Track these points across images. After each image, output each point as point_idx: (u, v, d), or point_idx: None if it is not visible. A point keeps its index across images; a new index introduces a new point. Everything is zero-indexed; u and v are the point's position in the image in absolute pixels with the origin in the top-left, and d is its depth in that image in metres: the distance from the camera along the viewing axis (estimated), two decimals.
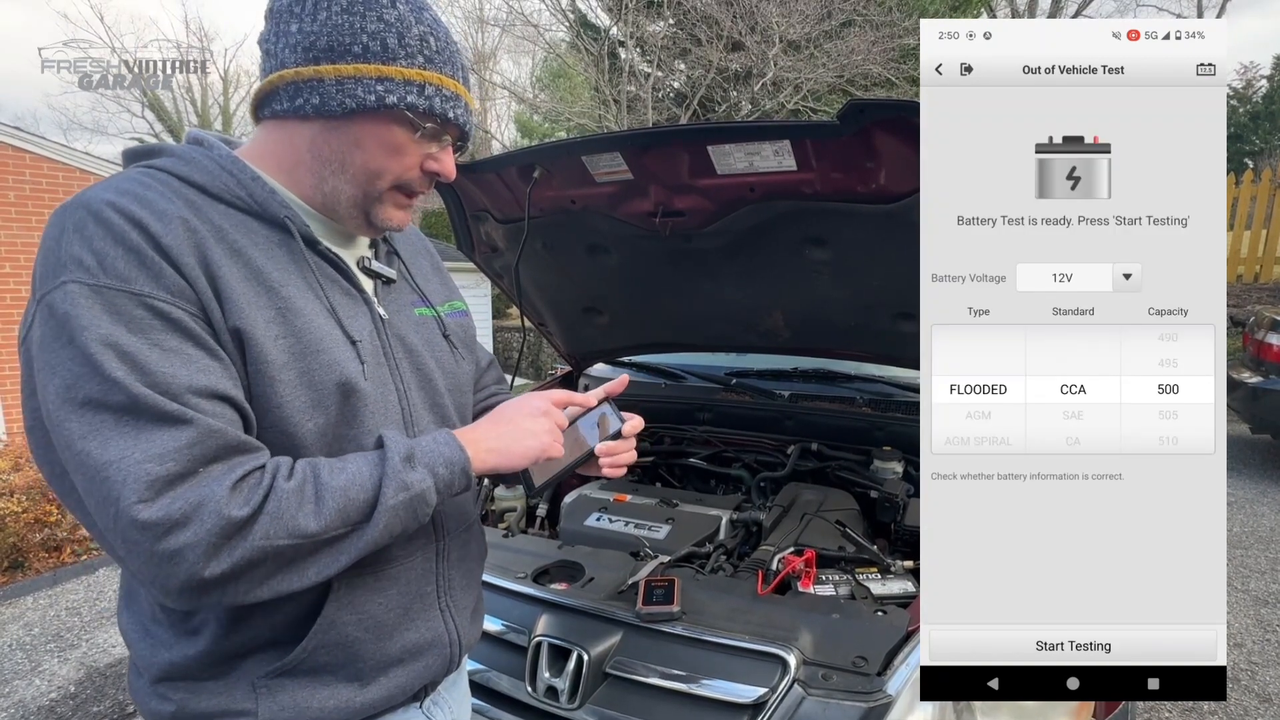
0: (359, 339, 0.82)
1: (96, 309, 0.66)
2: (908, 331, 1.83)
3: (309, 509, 0.70)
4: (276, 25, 0.78)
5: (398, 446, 0.77)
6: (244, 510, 0.67)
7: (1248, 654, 2.84)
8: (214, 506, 0.65)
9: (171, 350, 0.68)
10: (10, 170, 5.92)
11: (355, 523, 0.73)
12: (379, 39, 0.76)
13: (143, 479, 0.63)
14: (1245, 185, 8.58)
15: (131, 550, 0.65)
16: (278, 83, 0.77)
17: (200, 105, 20.55)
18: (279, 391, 0.74)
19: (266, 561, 0.69)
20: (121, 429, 0.64)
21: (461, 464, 0.80)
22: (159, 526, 0.63)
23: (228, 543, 0.66)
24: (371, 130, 0.79)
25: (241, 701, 0.78)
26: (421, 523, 0.79)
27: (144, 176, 0.75)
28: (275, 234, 0.80)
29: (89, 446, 0.64)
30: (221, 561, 0.66)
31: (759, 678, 1.16)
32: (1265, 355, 4.96)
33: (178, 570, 0.65)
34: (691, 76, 11.42)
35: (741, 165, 1.51)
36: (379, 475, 0.75)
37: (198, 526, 0.65)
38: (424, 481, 0.77)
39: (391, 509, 0.74)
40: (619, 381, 1.04)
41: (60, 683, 2.84)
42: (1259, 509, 4.44)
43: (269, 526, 0.68)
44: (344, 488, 0.72)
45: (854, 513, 1.77)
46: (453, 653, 0.93)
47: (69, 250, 0.68)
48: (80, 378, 0.65)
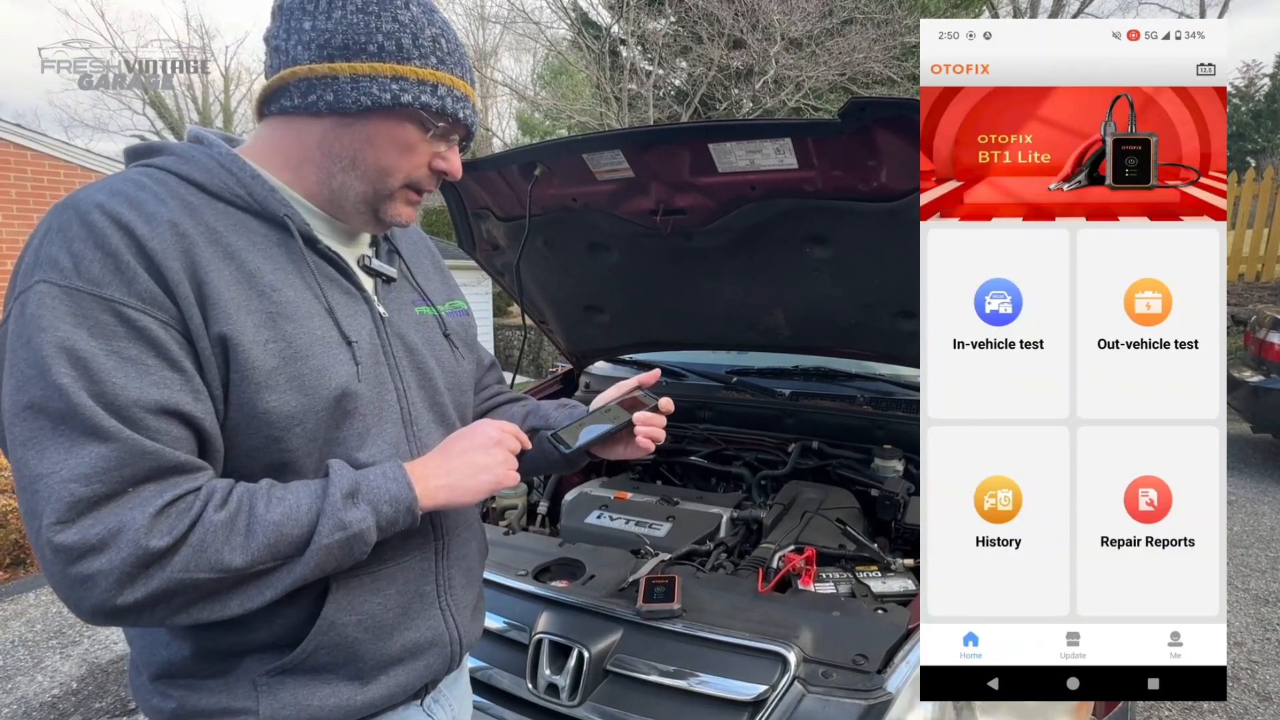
0: (356, 339, 0.82)
1: (61, 311, 0.65)
2: (908, 330, 1.83)
3: (237, 541, 0.69)
4: (287, 22, 0.77)
5: (341, 481, 0.75)
6: (164, 540, 0.65)
7: (1247, 653, 2.85)
8: (132, 535, 0.64)
9: (129, 359, 0.67)
10: (12, 167, 5.93)
11: (285, 557, 0.71)
12: (394, 39, 0.77)
13: (65, 499, 0.63)
14: (1247, 184, 8.57)
15: (47, 568, 0.65)
16: (289, 79, 0.77)
17: (201, 102, 20.54)
18: (266, 397, 0.73)
19: (184, 592, 0.67)
20: (56, 438, 0.64)
21: (408, 503, 0.78)
22: (73, 551, 0.63)
23: (144, 572, 0.65)
24: (384, 128, 0.79)
25: (242, 700, 0.78)
26: (359, 559, 0.77)
27: (141, 176, 0.74)
28: (274, 233, 0.79)
29: (26, 455, 0.64)
30: (135, 590, 0.65)
31: (759, 675, 1.16)
32: (1266, 354, 4.96)
33: (89, 595, 0.64)
34: (693, 74, 11.40)
35: (743, 163, 1.51)
36: (316, 511, 0.72)
37: (113, 554, 0.64)
38: (364, 521, 0.74)
39: (325, 548, 0.72)
40: (652, 374, 1.10)
41: (62, 679, 2.84)
42: (1259, 508, 4.43)
43: (190, 559, 0.67)
44: (278, 523, 0.70)
45: (854, 511, 1.77)
46: (453, 651, 0.93)
47: (48, 250, 0.68)
48: (29, 380, 0.64)
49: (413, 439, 0.87)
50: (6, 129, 5.95)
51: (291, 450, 0.76)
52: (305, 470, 0.77)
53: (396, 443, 0.85)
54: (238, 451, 0.75)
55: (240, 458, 0.75)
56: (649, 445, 1.02)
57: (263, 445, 0.75)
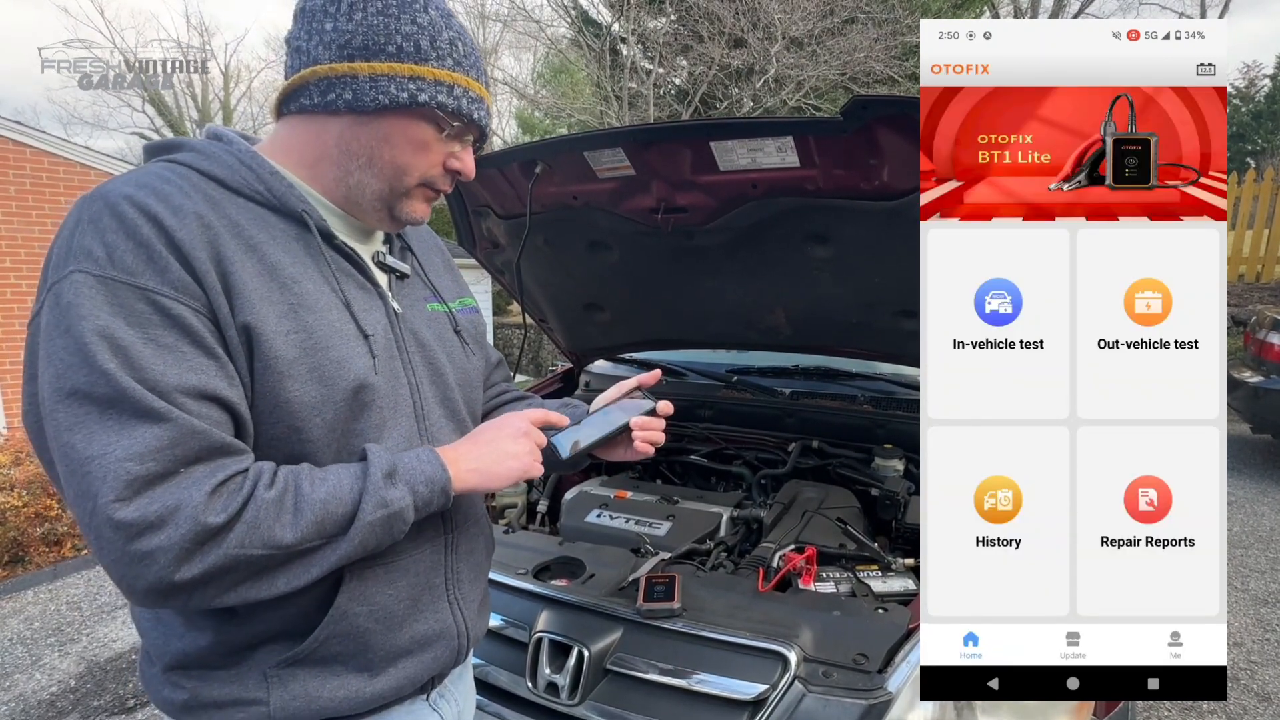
0: (372, 333, 0.83)
1: (99, 300, 0.67)
2: (909, 329, 1.82)
3: (286, 519, 0.71)
4: (309, 24, 0.79)
5: (380, 462, 0.77)
6: (220, 517, 0.67)
7: (1247, 653, 2.85)
8: (190, 511, 0.66)
9: (166, 347, 0.68)
10: (10, 164, 5.92)
11: (331, 535, 0.74)
12: (413, 40, 0.79)
13: (121, 477, 0.64)
14: (1247, 184, 8.57)
15: (103, 547, 0.65)
16: (310, 78, 0.79)
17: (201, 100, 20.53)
18: (288, 387, 0.75)
19: (238, 569, 0.69)
20: (105, 422, 0.65)
21: (442, 483, 0.81)
22: (133, 527, 0.64)
23: (201, 548, 0.66)
24: (401, 127, 0.81)
25: (253, 690, 0.79)
26: (397, 539, 0.79)
27: (165, 171, 0.76)
28: (292, 228, 0.81)
29: (73, 439, 0.65)
30: (193, 566, 0.66)
31: (760, 674, 1.16)
32: (1266, 355, 4.96)
33: (147, 572, 0.65)
34: (693, 73, 11.38)
35: (744, 161, 1.51)
36: (359, 490, 0.75)
37: (172, 530, 0.65)
38: (403, 499, 0.77)
39: (369, 525, 0.75)
40: (652, 375, 1.10)
41: (60, 677, 2.84)
42: (1259, 509, 4.44)
43: (245, 535, 0.68)
44: (323, 500, 0.73)
45: (855, 510, 1.77)
46: (460, 644, 0.94)
47: (81, 241, 0.69)
48: (71, 367, 0.66)
49: (424, 433, 0.89)
50: (5, 126, 5.93)
51: (311, 441, 0.77)
52: (323, 462, 0.79)
53: (410, 436, 0.86)
54: (260, 441, 0.76)
55: (262, 447, 0.76)
56: (648, 449, 1.04)
57: (284, 435, 0.76)
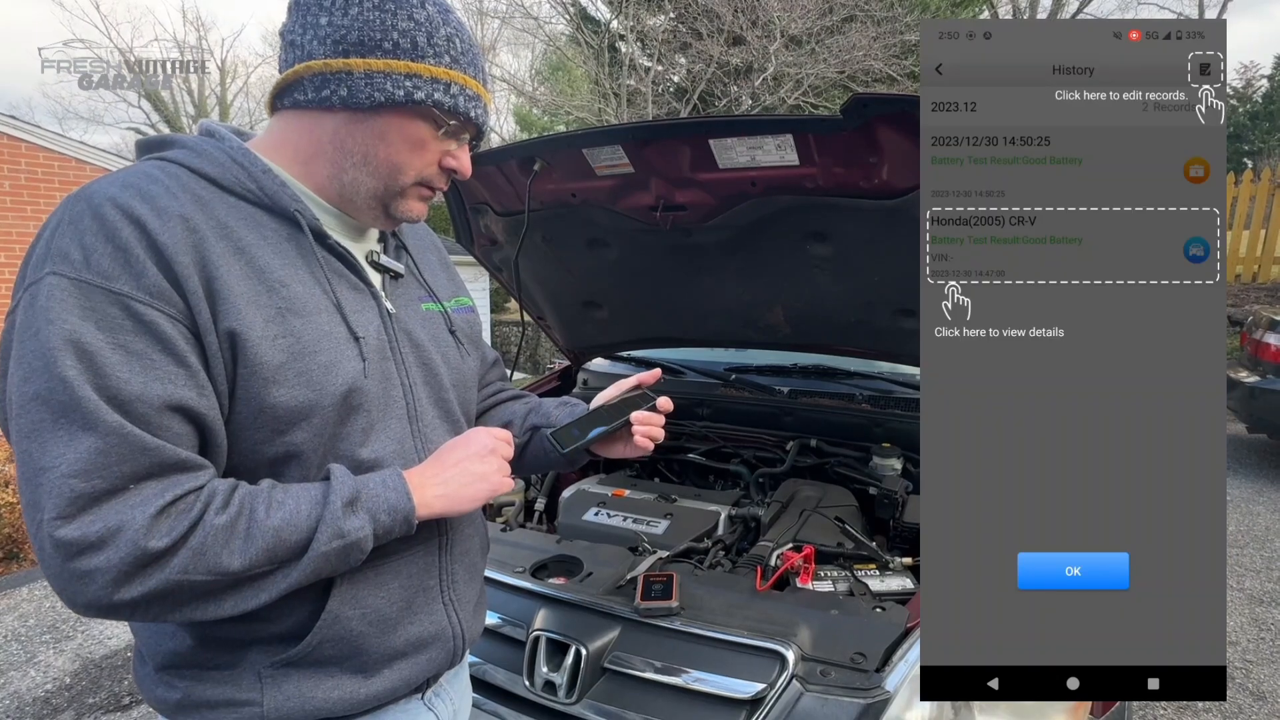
0: (364, 335, 0.82)
1: (70, 303, 0.66)
2: (908, 328, 1.82)
3: (236, 545, 0.69)
4: (303, 17, 0.78)
5: (342, 489, 0.75)
6: (163, 542, 0.66)
7: (1242, 652, 2.86)
8: (131, 535, 0.64)
9: (136, 354, 0.67)
10: (5, 159, 5.90)
11: (282, 561, 0.72)
12: (409, 37, 0.77)
13: (65, 495, 0.63)
14: (1244, 185, 8.59)
15: (45, 560, 0.65)
16: (304, 73, 0.78)
17: (198, 95, 20.47)
18: (274, 392, 0.73)
19: (181, 592, 0.68)
20: (57, 431, 0.64)
21: (405, 512, 0.78)
22: (72, 546, 0.63)
23: (141, 571, 0.65)
24: (396, 124, 0.80)
25: (247, 691, 0.78)
26: (353, 565, 0.77)
27: (154, 170, 0.75)
28: (284, 227, 0.80)
29: (30, 446, 0.65)
30: (132, 589, 0.65)
31: (757, 673, 1.15)
32: (1263, 355, 4.97)
33: (85, 590, 0.65)
34: (692, 71, 11.37)
35: (743, 159, 1.51)
36: (316, 518, 0.73)
37: (111, 553, 0.64)
38: (362, 530, 0.75)
39: (322, 555, 0.73)
40: (652, 374, 1.11)
41: (55, 674, 2.83)
42: (1254, 508, 4.45)
43: (188, 561, 0.67)
44: (277, 528, 0.71)
45: (853, 509, 1.77)
46: (456, 646, 0.93)
47: (59, 242, 0.68)
48: (35, 371, 0.65)
49: (418, 435, 0.88)
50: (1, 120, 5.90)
51: (297, 444, 0.76)
52: (310, 464, 0.78)
53: (401, 439, 0.85)
54: (244, 445, 0.75)
55: (246, 452, 0.75)
56: (648, 445, 1.04)
57: (268, 440, 0.75)
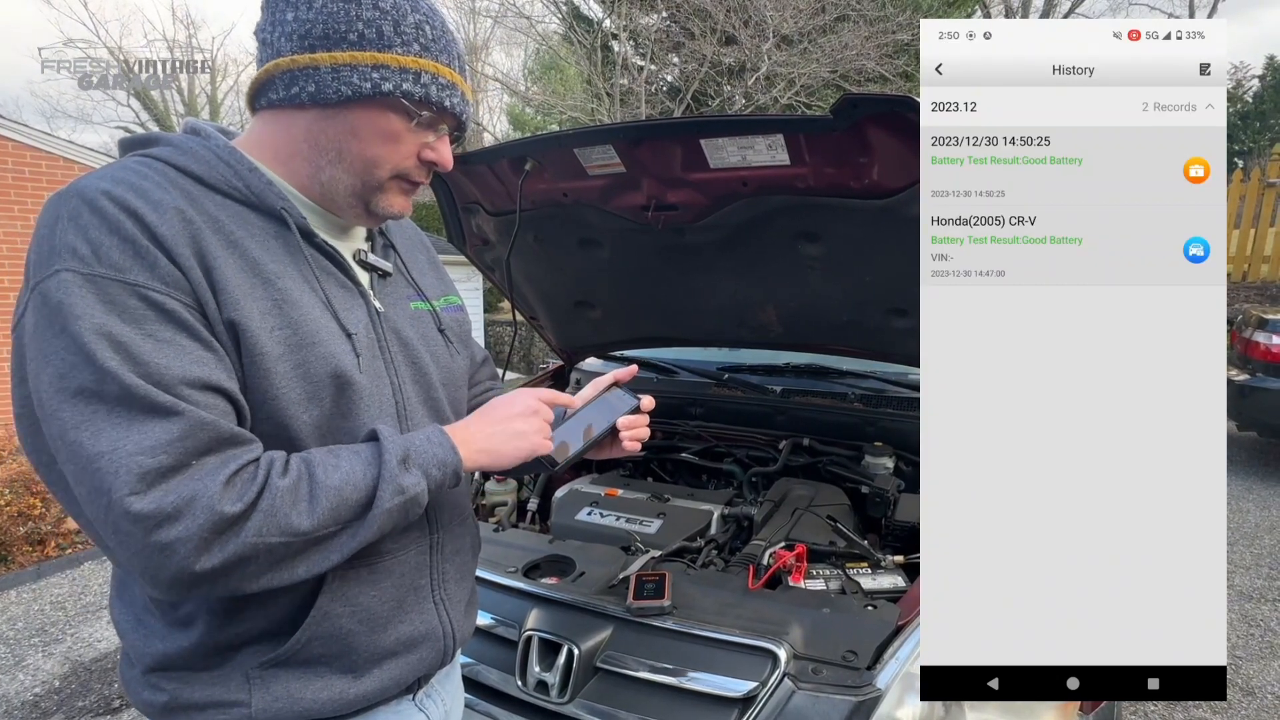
0: (354, 332, 0.82)
1: (90, 298, 0.66)
2: (900, 327, 1.83)
3: (303, 506, 0.70)
4: (272, 14, 0.77)
5: (393, 447, 0.76)
6: (237, 506, 0.67)
7: (1232, 648, 2.88)
8: (206, 501, 0.65)
9: (165, 341, 0.67)
10: None
11: (347, 521, 0.73)
12: (374, 26, 0.76)
13: (134, 471, 0.63)
14: (1235, 184, 8.64)
15: (122, 542, 0.65)
16: (274, 71, 0.77)
17: (188, 94, 20.34)
18: (274, 383, 0.74)
19: (258, 557, 0.69)
20: (113, 420, 0.64)
21: (454, 466, 0.80)
22: (151, 519, 0.63)
23: (219, 538, 0.66)
24: (367, 118, 0.79)
25: (235, 692, 0.78)
26: (411, 520, 0.79)
27: (140, 166, 0.74)
28: (271, 226, 0.79)
29: (81, 437, 0.64)
30: (213, 556, 0.66)
31: (749, 672, 1.16)
32: (1252, 353, 5.01)
33: (169, 563, 0.65)
34: (685, 70, 11.36)
35: (734, 159, 1.51)
36: (374, 476, 0.74)
37: (190, 521, 0.65)
38: (418, 485, 0.77)
39: (386, 512, 0.74)
40: (628, 370, 1.09)
41: (44, 677, 2.81)
42: (1243, 505, 4.49)
43: (262, 523, 0.68)
44: (338, 487, 0.72)
45: (845, 508, 1.77)
46: (446, 645, 0.93)
47: (63, 238, 0.67)
48: (73, 367, 0.64)
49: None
50: None
51: (297, 437, 0.76)
52: None
53: None
54: None
55: None
56: (636, 446, 1.03)
57: (270, 432, 0.75)
